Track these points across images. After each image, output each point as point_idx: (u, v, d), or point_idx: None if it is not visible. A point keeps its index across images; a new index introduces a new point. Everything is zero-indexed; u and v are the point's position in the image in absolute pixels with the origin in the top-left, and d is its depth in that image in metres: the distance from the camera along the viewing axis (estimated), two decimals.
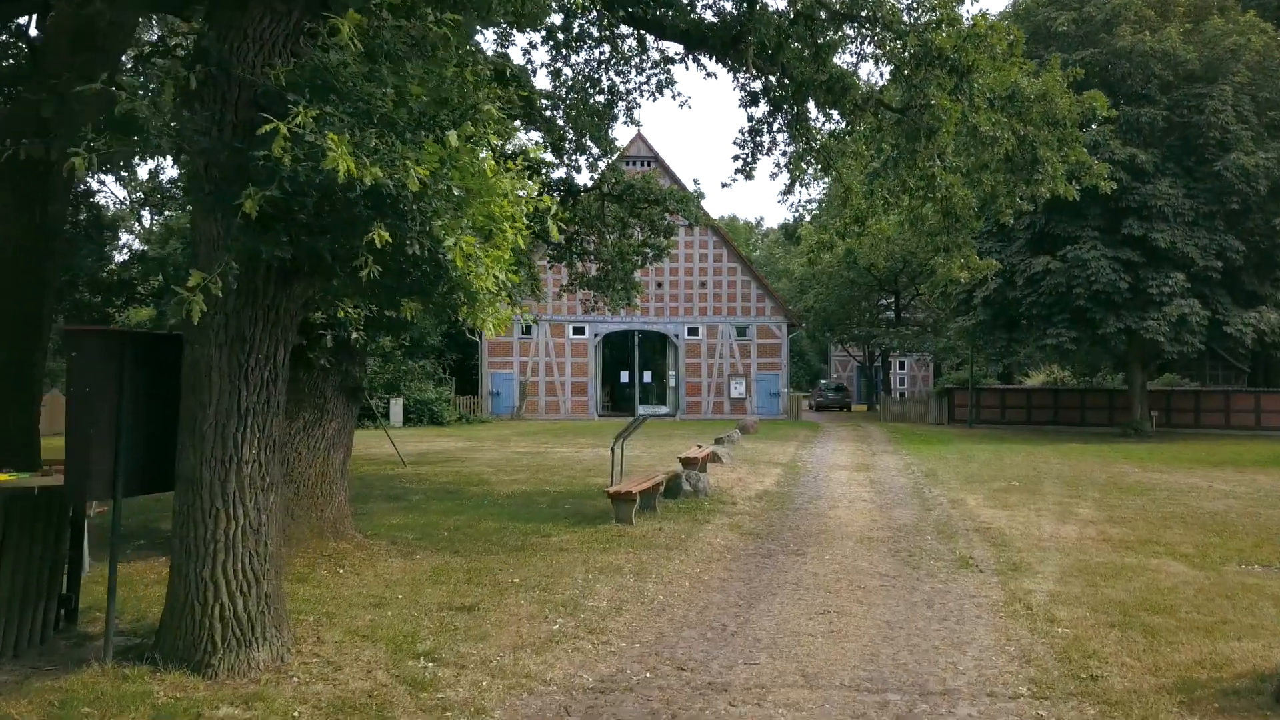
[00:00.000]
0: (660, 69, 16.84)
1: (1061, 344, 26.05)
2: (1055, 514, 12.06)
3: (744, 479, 15.78)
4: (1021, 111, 10.88)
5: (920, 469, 18.02)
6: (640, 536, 9.82)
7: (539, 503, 12.62)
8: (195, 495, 5.00)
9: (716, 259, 37.43)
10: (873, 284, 42.69)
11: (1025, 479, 16.24)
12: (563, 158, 18.99)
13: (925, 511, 12.47)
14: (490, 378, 35.74)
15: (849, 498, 13.74)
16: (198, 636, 4.94)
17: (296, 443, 8.57)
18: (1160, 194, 24.85)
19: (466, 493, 13.71)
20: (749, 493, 14.00)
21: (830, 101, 11.81)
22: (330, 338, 8.23)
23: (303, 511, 8.50)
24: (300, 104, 4.09)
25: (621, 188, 18.79)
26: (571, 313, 36.10)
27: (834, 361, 63.25)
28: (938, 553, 9.45)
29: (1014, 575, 8.32)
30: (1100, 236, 25.59)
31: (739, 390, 37.11)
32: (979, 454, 21.62)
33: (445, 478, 15.88)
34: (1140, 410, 28.37)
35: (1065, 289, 25.58)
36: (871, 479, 16.30)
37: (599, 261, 20.47)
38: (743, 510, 12.16)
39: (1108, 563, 8.87)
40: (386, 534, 9.82)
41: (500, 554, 8.80)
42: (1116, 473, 17.49)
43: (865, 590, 7.69)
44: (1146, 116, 25.09)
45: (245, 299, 4.99)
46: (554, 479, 15.70)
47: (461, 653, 5.57)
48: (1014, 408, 35.03)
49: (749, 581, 7.95)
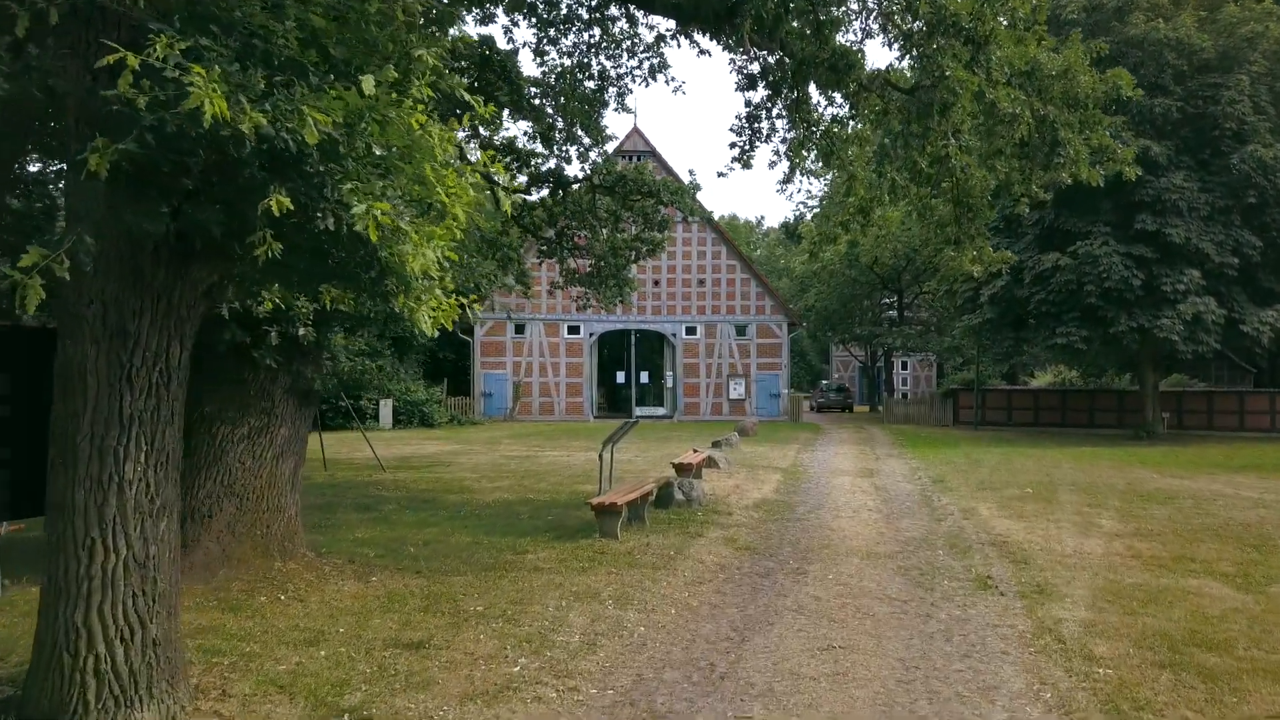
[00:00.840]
0: (653, 52, 15.96)
1: (1072, 343, 25.12)
2: (1076, 525, 11.17)
3: (741, 486, 14.90)
4: (1042, 89, 10.00)
5: (927, 474, 17.14)
6: (625, 554, 8.93)
7: (520, 513, 11.74)
8: (66, 523, 4.12)
9: (715, 256, 36.49)
10: (875, 282, 41.73)
11: (1039, 485, 15.35)
12: (552, 148, 18.17)
13: (935, 522, 11.59)
14: (482, 378, 34.80)
15: (853, 507, 12.86)
16: (67, 694, 4.06)
17: (240, 451, 7.69)
18: (1174, 188, 23.94)
19: (444, 502, 12.82)
20: (746, 501, 13.11)
21: (833, 82, 10.91)
22: (276, 334, 7.34)
23: (245, 528, 7.62)
24: (163, 34, 3.21)
25: (613, 179, 17.96)
26: (566, 311, 35.22)
27: (835, 362, 62.33)
28: (952, 571, 8.57)
29: (1040, 599, 7.44)
30: (1112, 232, 24.68)
31: (738, 391, 36.18)
32: (987, 458, 20.73)
33: (425, 484, 15.00)
34: (1152, 412, 27.45)
35: (1076, 286, 24.67)
36: (876, 486, 15.41)
37: (591, 257, 19.65)
38: (739, 521, 11.27)
39: (1142, 584, 7.98)
40: (346, 550, 8.94)
41: (468, 574, 7.92)
42: (1134, 479, 16.59)
43: (874, 619, 6.80)
44: (1160, 107, 24.18)
45: (127, 285, 4.11)
46: (540, 486, 14.82)
47: (397, 708, 4.68)
48: (1021, 409, 34.11)
49: (743, 608, 7.07)
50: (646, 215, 18.34)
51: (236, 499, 7.61)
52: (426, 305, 4.13)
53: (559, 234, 18.94)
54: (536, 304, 33.76)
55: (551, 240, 18.99)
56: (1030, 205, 11.75)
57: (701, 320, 36.26)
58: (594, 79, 16.77)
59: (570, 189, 18.26)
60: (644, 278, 36.17)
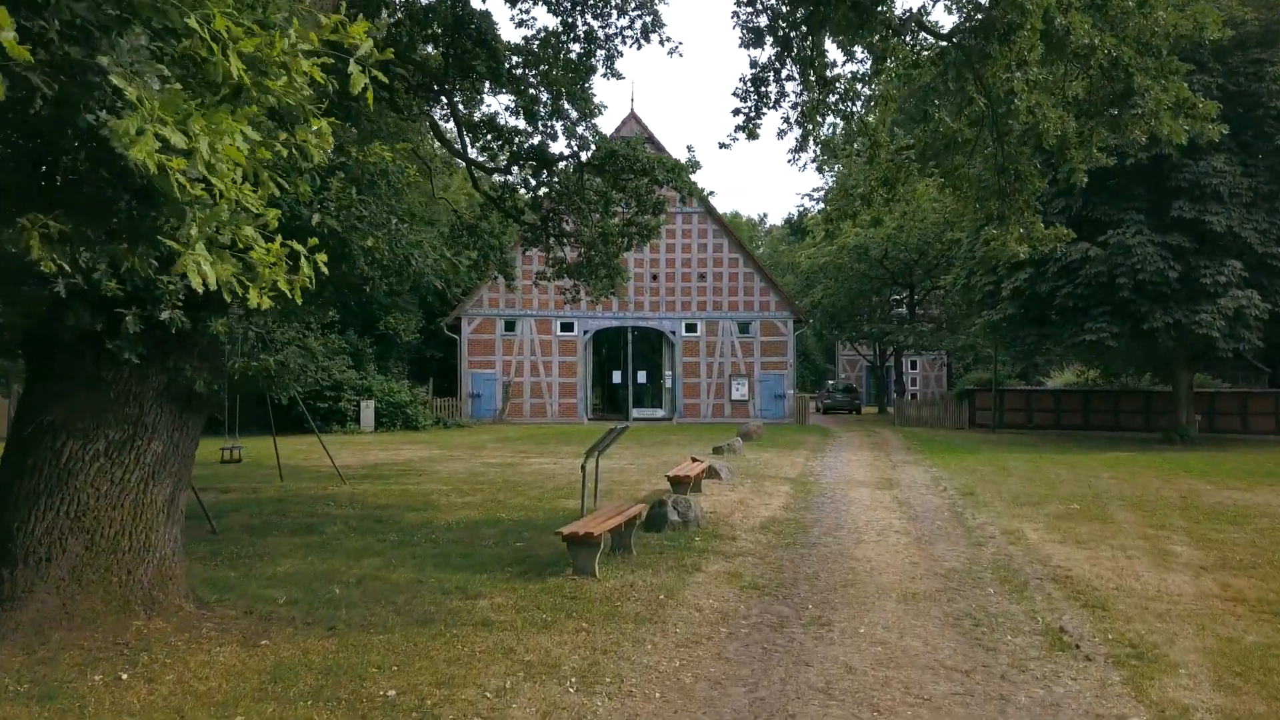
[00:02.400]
0: (645, 8, 14.15)
1: (1101, 340, 23.23)
2: (1148, 554, 9.33)
3: (746, 501, 13.06)
4: (1115, 23, 8.15)
5: (953, 485, 15.31)
6: (602, 598, 7.11)
7: (484, 537, 9.92)
8: None
9: (716, 249, 34.52)
10: (885, 277, 39.72)
11: (1083, 499, 13.51)
12: (536, 123, 16.42)
13: (975, 547, 9.78)
14: (470, 378, 32.85)
15: (877, 527, 11.03)
16: None
17: (94, 473, 5.87)
18: (1215, 171, 22.08)
19: (399, 521, 11.01)
20: (752, 521, 11.29)
21: (856, 24, 9.06)
22: (135, 318, 5.50)
23: (97, 575, 5.79)
24: None
25: (603, 155, 16.18)
26: (560, 308, 33.35)
27: (841, 361, 60.36)
28: (1013, 619, 6.76)
29: (1143, 668, 5.62)
30: (1146, 220, 22.80)
31: (741, 392, 34.24)
32: (1015, 465, 18.89)
33: (386, 498, 13.18)
34: (1185, 414, 25.56)
35: (1106, 279, 22.80)
36: (899, 500, 13.58)
37: (579, 245, 17.89)
38: (744, 548, 9.45)
39: (1270, 644, 6.15)
40: (252, 594, 7.11)
41: (394, 631, 6.10)
42: (1187, 491, 14.75)
43: (932, 707, 4.98)
44: (1199, 85, 22.31)
45: None
46: (515, 502, 13.00)
47: None
48: (1041, 410, 32.19)
49: (753, 687, 5.24)
50: (640, 197, 16.57)
51: (86, 536, 5.79)
52: (199, 241, 2.29)
53: (544, 219, 17.16)
54: (528, 299, 31.91)
55: (536, 226, 17.23)
56: (1086, 175, 9.94)
57: (702, 317, 34.34)
58: (580, 41, 14.97)
59: (556, 168, 16.49)
60: (641, 272, 34.33)
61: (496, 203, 17.36)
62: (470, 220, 18.36)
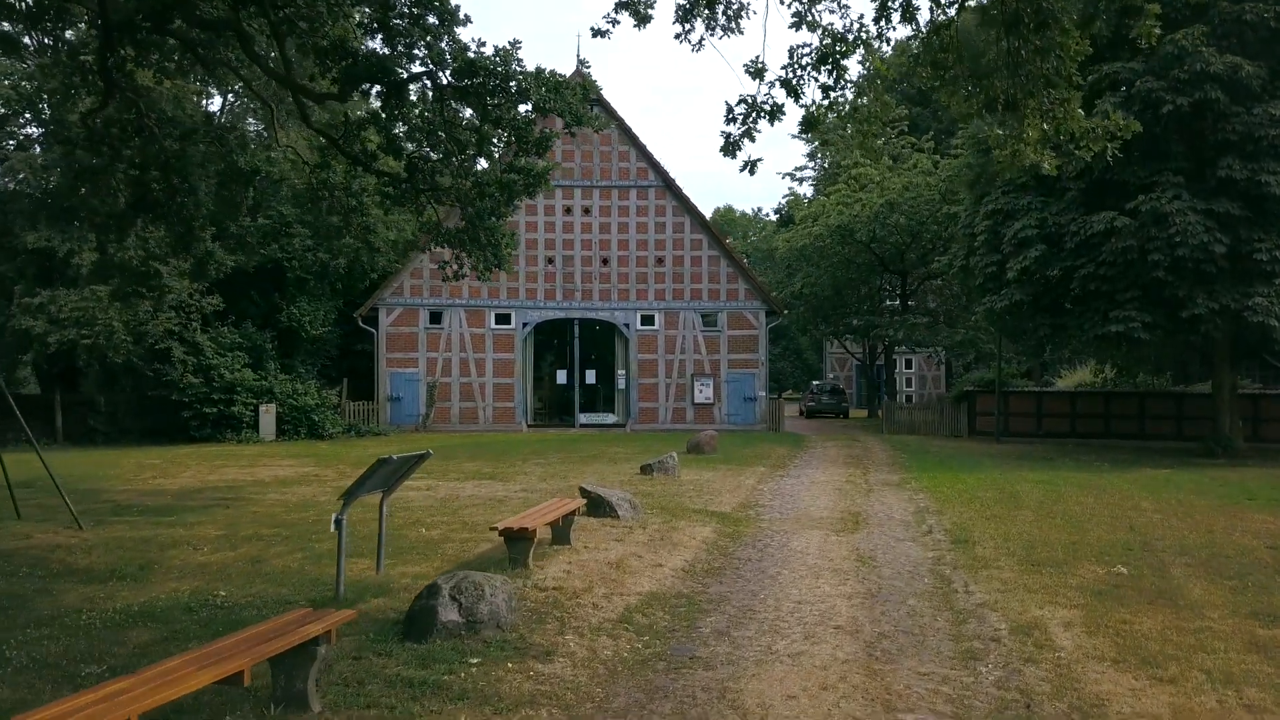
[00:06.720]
0: None
1: (1130, 331, 18.95)
2: (1267, 687, 5.08)
3: (630, 560, 8.78)
4: None
5: (941, 525, 11.08)
6: None
7: (127, 642, 5.67)
8: None
9: (677, 230, 30.06)
10: (874, 263, 35.19)
11: (1128, 552, 9.27)
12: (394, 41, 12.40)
13: (969, 662, 5.67)
14: (389, 379, 28.43)
15: (810, 615, 6.82)
16: None
17: None
18: (1273, 120, 17.85)
19: (62, 601, 6.77)
20: (616, 605, 7.06)
21: None
22: None
23: None
24: None
25: (465, 71, 12.15)
26: (494, 296, 28.96)
27: (830, 359, 55.91)
28: None
29: None
30: (1185, 183, 18.54)
31: (705, 394, 29.82)
32: (1025, 490, 14.62)
33: (101, 554, 8.98)
34: (1229, 421, 21.24)
35: (1136, 255, 18.54)
36: (860, 554, 9.33)
37: (452, 201, 13.80)
38: (550, 685, 5.22)
39: None
40: None
41: None
42: (1270, 534, 10.52)
43: None
44: (1250, 14, 18.09)
45: None
46: (278, 563, 8.78)
47: None
48: (1053, 416, 27.80)
49: None
50: (519, 131, 12.39)
51: None
52: None
53: (410, 168, 12.94)
54: (456, 287, 27.58)
55: (400, 179, 13.04)
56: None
57: (661, 307, 29.90)
58: None
59: (405, 93, 12.29)
60: (590, 255, 29.98)
61: (337, 144, 13.16)
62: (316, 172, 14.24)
